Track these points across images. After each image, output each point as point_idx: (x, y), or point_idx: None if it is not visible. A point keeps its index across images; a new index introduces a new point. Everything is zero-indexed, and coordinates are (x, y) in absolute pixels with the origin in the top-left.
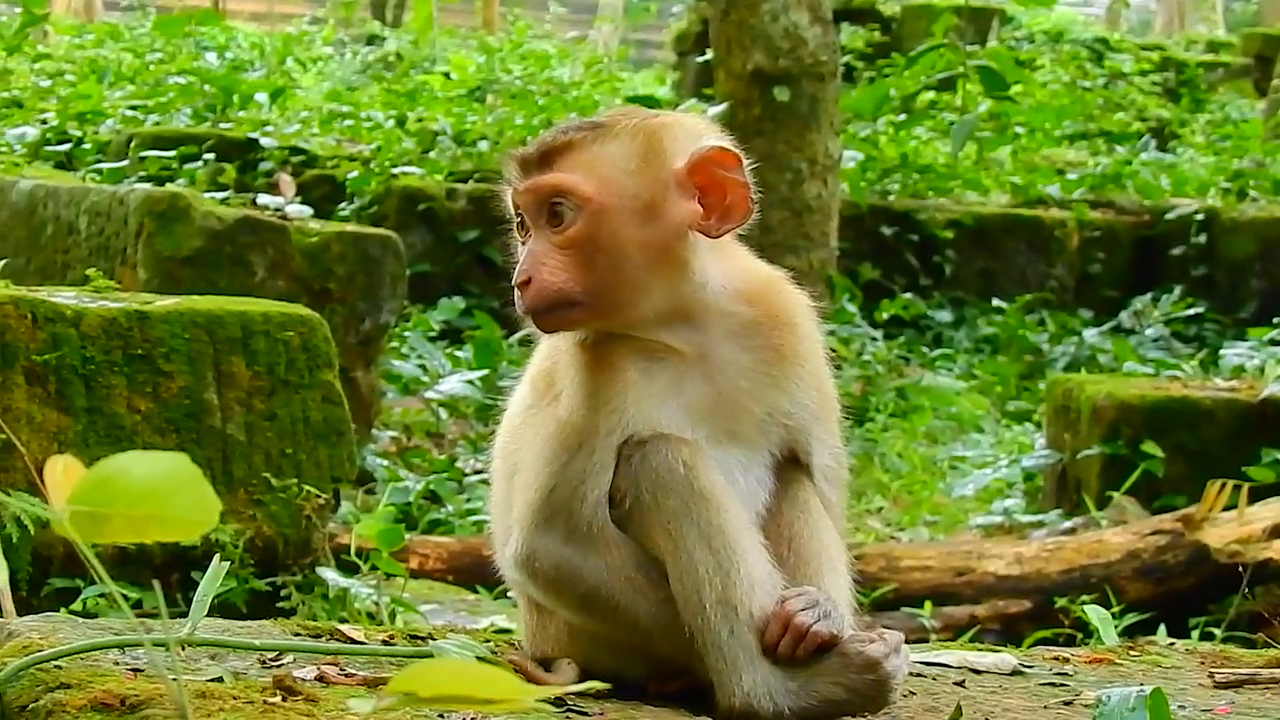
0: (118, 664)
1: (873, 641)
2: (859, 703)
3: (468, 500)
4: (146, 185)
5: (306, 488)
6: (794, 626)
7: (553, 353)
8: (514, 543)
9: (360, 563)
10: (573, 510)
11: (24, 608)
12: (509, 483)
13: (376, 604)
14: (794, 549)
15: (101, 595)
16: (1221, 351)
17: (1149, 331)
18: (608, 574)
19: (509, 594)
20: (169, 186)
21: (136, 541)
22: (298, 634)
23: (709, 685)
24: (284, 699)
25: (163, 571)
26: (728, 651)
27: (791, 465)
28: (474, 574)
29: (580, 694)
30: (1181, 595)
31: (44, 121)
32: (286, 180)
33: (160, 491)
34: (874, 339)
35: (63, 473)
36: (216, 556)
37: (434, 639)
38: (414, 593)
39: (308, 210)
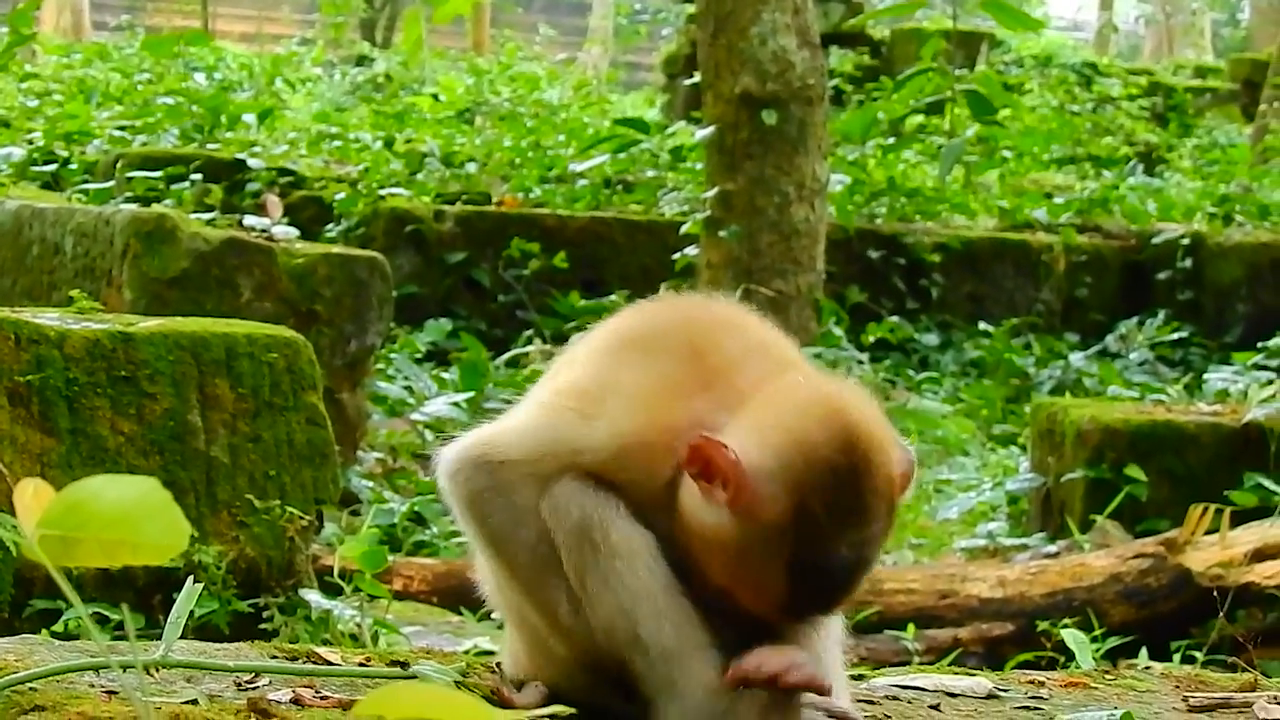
0: (93, 686)
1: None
2: None
3: (452, 522)
4: (133, 206)
5: (290, 509)
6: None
7: (596, 377)
8: (456, 448)
9: (344, 584)
10: (525, 480)
11: (6, 629)
12: None
13: (359, 626)
14: None
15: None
16: (1206, 376)
17: (1134, 355)
18: (516, 534)
19: (493, 617)
20: (155, 207)
21: (107, 565)
22: (274, 656)
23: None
24: None
25: (146, 593)
26: (647, 686)
27: None
28: (458, 596)
29: (549, 716)
30: (1164, 619)
31: (31, 142)
32: (274, 201)
33: (131, 516)
34: (860, 362)
35: (33, 496)
36: (190, 578)
37: (409, 663)
38: (398, 615)
39: (294, 231)
